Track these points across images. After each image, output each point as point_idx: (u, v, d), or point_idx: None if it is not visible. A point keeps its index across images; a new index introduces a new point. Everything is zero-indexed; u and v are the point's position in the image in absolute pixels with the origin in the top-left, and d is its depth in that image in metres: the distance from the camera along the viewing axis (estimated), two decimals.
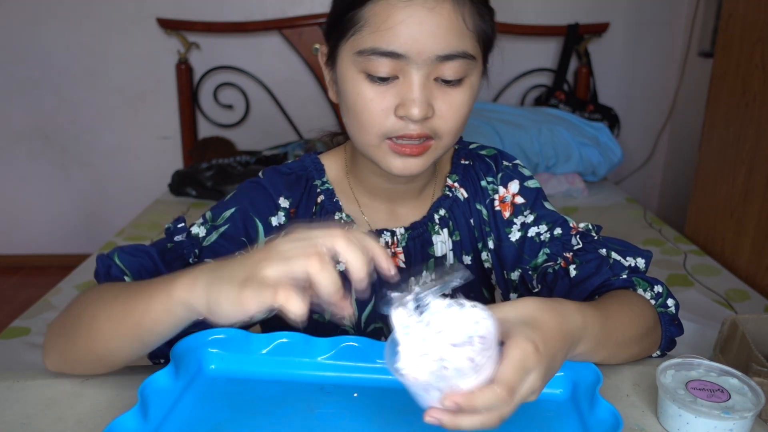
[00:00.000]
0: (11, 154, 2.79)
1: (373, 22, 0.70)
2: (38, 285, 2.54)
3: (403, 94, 0.71)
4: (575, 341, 0.62)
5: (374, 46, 0.70)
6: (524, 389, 0.53)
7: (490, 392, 0.51)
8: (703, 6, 2.59)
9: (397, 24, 0.68)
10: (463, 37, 0.71)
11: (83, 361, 0.70)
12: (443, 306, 0.54)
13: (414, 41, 0.69)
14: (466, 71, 0.73)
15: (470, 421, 0.51)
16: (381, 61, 0.70)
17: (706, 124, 2.12)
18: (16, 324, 1.53)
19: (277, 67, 2.73)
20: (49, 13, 2.62)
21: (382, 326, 0.85)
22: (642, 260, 0.82)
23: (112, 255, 0.75)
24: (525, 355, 0.53)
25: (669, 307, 0.79)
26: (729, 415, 0.62)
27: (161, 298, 0.60)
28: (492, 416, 0.52)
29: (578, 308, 0.64)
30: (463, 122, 0.76)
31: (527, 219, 0.86)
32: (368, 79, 0.72)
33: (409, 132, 0.72)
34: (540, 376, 0.54)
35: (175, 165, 2.78)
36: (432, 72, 0.71)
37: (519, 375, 0.52)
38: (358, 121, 0.74)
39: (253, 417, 0.65)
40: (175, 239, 0.79)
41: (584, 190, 2.47)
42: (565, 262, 0.83)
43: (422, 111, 0.70)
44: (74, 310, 0.70)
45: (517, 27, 2.66)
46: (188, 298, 0.58)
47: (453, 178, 0.88)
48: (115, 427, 0.57)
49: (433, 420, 0.52)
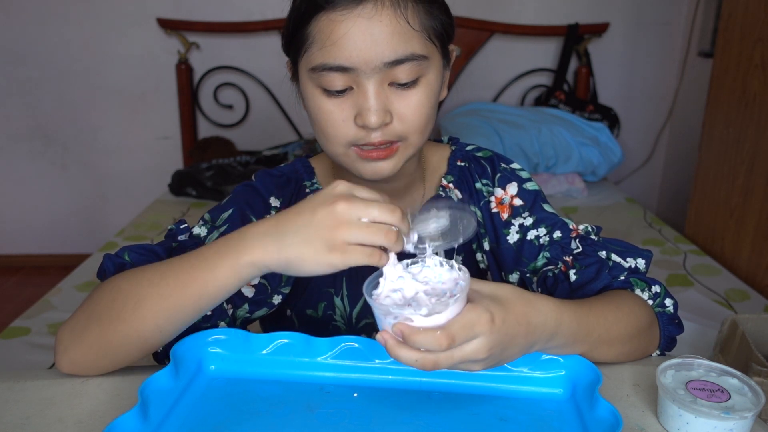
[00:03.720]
0: (11, 154, 2.79)
1: (319, 38, 0.71)
2: (38, 285, 2.54)
3: (359, 104, 0.72)
4: (547, 335, 0.65)
5: (323, 62, 0.71)
6: (467, 349, 0.59)
7: (431, 334, 0.57)
8: (703, 6, 2.59)
9: (341, 38, 0.69)
10: (408, 39, 0.71)
11: (120, 348, 0.69)
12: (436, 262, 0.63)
13: (359, 52, 0.69)
14: (419, 72, 0.73)
15: (407, 354, 0.58)
16: (332, 76, 0.71)
17: (706, 124, 2.12)
18: (16, 324, 1.54)
19: (277, 67, 2.71)
20: (49, 13, 2.62)
21: (373, 322, 0.86)
22: (642, 261, 0.82)
23: (121, 254, 0.76)
24: (478, 319, 0.58)
25: (667, 306, 0.79)
26: (729, 415, 0.62)
27: (227, 263, 0.64)
28: (427, 358, 0.58)
29: (555, 305, 0.67)
30: (426, 120, 0.76)
31: (526, 221, 0.86)
32: (325, 94, 0.73)
33: (371, 140, 0.74)
34: (487, 345, 0.59)
35: (175, 165, 2.78)
36: (384, 78, 0.72)
37: (464, 332, 0.58)
38: (323, 133, 0.76)
39: (253, 417, 0.65)
40: (178, 239, 0.80)
41: (584, 190, 2.47)
42: (565, 266, 0.83)
43: (379, 118, 0.72)
44: (101, 300, 0.70)
45: (517, 27, 2.66)
46: (261, 259, 0.63)
47: (448, 179, 0.88)
48: (115, 427, 0.57)
49: (380, 339, 0.60)
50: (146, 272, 0.69)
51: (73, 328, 0.70)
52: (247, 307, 0.80)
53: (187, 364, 0.70)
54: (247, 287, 0.80)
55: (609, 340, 0.73)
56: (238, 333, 0.73)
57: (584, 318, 0.69)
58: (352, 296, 0.86)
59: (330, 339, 0.73)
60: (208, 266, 0.65)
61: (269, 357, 0.73)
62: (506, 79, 2.78)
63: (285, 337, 0.73)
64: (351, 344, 0.73)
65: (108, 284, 0.71)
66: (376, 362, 0.72)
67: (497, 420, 0.65)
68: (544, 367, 0.71)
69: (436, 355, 0.58)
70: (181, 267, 0.67)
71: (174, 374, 0.67)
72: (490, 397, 0.69)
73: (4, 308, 2.54)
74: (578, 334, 0.69)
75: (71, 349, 0.70)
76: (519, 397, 0.69)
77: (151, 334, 0.68)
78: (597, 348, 0.72)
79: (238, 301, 0.80)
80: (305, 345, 0.73)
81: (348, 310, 0.86)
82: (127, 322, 0.67)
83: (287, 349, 0.73)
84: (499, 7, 2.68)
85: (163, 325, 0.68)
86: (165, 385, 0.66)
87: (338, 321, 0.87)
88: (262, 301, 0.81)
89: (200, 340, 0.73)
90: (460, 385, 0.71)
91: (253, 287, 0.80)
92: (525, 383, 0.70)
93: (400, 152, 0.76)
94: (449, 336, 0.57)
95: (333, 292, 0.85)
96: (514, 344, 0.62)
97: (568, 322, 0.67)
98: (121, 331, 0.68)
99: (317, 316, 0.86)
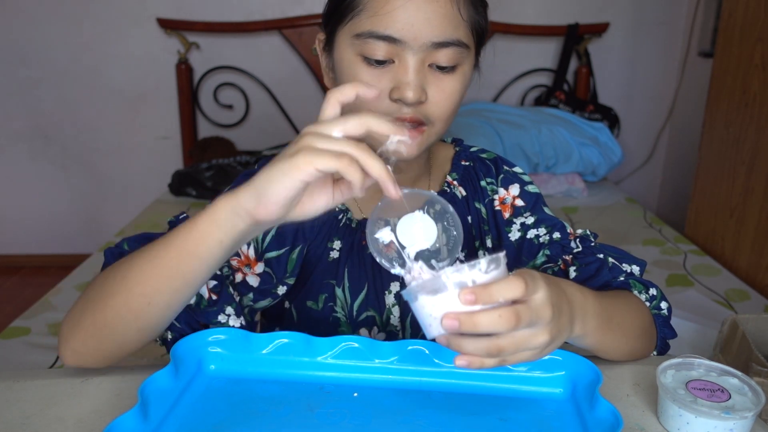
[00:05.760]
0: (11, 154, 2.79)
1: (371, 6, 0.72)
2: (38, 285, 2.54)
3: (398, 77, 0.73)
4: (582, 311, 0.65)
5: (372, 29, 0.72)
6: (537, 298, 0.56)
7: (506, 283, 0.54)
8: (703, 6, 2.59)
9: (395, 9, 0.71)
10: (458, 25, 0.73)
11: (116, 329, 0.67)
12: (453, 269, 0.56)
13: (410, 26, 0.71)
14: (459, 59, 0.75)
15: (474, 345, 0.55)
16: (378, 45, 0.72)
17: (706, 124, 2.12)
18: (16, 324, 1.53)
19: (277, 67, 2.73)
20: (49, 13, 2.62)
21: (374, 314, 0.86)
22: (637, 268, 0.83)
23: (121, 244, 0.76)
24: (532, 276, 0.56)
25: (662, 309, 0.81)
26: (729, 415, 0.62)
27: (205, 214, 0.61)
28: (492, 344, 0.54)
29: (577, 286, 0.67)
30: (454, 109, 0.77)
31: (527, 220, 0.87)
32: (365, 62, 0.74)
33: (402, 115, 0.74)
34: (549, 298, 0.56)
35: (175, 165, 2.78)
36: (426, 58, 0.73)
37: (530, 279, 0.55)
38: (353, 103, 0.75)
39: (253, 417, 0.65)
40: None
41: (584, 190, 2.47)
42: (564, 264, 0.84)
43: (416, 94, 0.72)
44: (95, 286, 0.70)
45: (517, 27, 2.66)
46: (233, 198, 0.59)
47: (453, 176, 0.89)
48: (115, 427, 0.57)
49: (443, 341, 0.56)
50: (136, 252, 0.68)
51: (72, 318, 0.70)
52: (251, 296, 0.81)
53: (187, 364, 0.70)
54: (252, 276, 0.80)
55: (626, 331, 0.73)
56: (238, 333, 0.73)
57: (602, 300, 0.70)
58: (353, 288, 0.86)
59: (330, 339, 0.73)
60: (188, 224, 0.63)
61: (269, 357, 0.73)
62: (506, 79, 2.78)
63: (285, 336, 0.73)
64: (351, 344, 0.73)
65: (102, 273, 0.71)
66: (376, 362, 0.72)
67: (497, 420, 0.65)
68: (544, 367, 0.71)
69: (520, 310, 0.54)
70: (167, 235, 0.66)
71: (174, 374, 0.67)
72: (490, 397, 0.69)
73: (4, 308, 2.53)
74: (602, 316, 0.69)
75: (71, 339, 0.69)
76: (519, 397, 0.69)
77: (139, 306, 0.66)
78: (619, 338, 0.73)
79: (244, 289, 0.80)
80: (305, 345, 0.73)
81: (349, 301, 0.86)
82: (116, 295, 0.66)
83: (287, 348, 0.73)
84: (499, 7, 2.68)
85: (150, 294, 0.65)
86: (165, 384, 0.66)
87: (339, 313, 0.87)
88: (267, 291, 0.81)
89: (200, 340, 0.73)
90: (460, 385, 0.71)
91: (258, 276, 0.80)
92: (525, 383, 0.70)
93: (424, 137, 0.77)
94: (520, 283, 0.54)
95: (335, 283, 0.85)
96: (563, 312, 0.60)
97: (592, 302, 0.67)
98: (112, 307, 0.66)
99: (317, 309, 0.86)
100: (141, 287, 0.65)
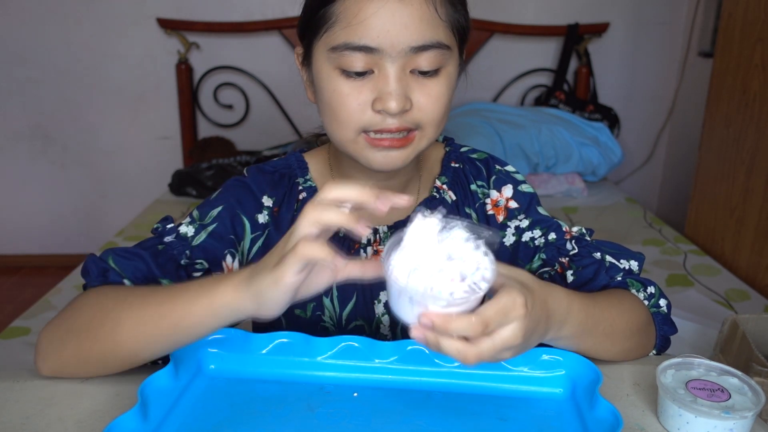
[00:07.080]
0: (11, 154, 2.79)
1: (344, 17, 0.70)
2: (38, 285, 2.54)
3: (379, 87, 0.71)
4: (559, 322, 0.64)
5: (347, 41, 0.70)
6: (503, 334, 0.55)
7: (465, 320, 0.54)
8: (703, 6, 2.59)
9: (369, 17, 0.68)
10: (436, 27, 0.71)
11: (98, 363, 0.70)
12: (463, 238, 0.57)
13: (386, 33, 0.69)
14: (441, 61, 0.73)
15: (449, 344, 0.54)
16: (354, 56, 0.70)
17: (706, 124, 2.12)
18: (16, 324, 1.53)
19: (277, 67, 2.73)
20: (49, 13, 2.62)
21: (363, 324, 0.85)
22: (635, 263, 0.82)
23: (105, 258, 0.74)
24: (513, 304, 0.55)
25: (661, 306, 0.80)
26: (729, 415, 0.62)
27: (202, 303, 0.63)
28: (470, 349, 0.54)
29: (566, 293, 0.66)
30: (444, 112, 0.75)
31: (522, 223, 0.86)
32: (343, 75, 0.72)
33: (387, 126, 0.72)
34: (521, 330, 0.56)
35: (175, 165, 2.78)
36: (407, 64, 0.71)
37: (499, 316, 0.55)
38: (335, 117, 0.74)
39: (253, 417, 0.65)
40: (165, 240, 0.78)
41: (584, 190, 2.47)
42: (561, 267, 0.83)
43: (399, 104, 0.70)
44: (81, 313, 0.70)
45: (517, 27, 2.66)
46: (233, 301, 0.61)
47: (442, 180, 0.87)
48: (115, 427, 0.57)
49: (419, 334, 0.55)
50: (129, 295, 0.69)
51: (52, 338, 0.70)
52: None
53: (187, 364, 0.70)
54: None
55: (613, 335, 0.73)
56: (238, 333, 0.73)
57: (591, 309, 0.69)
58: (342, 297, 0.85)
59: (330, 338, 0.73)
60: (187, 301, 0.64)
61: (269, 357, 0.73)
62: (506, 79, 2.78)
63: (285, 336, 0.73)
64: (351, 344, 0.72)
65: (90, 298, 0.71)
66: (376, 362, 0.72)
67: (497, 420, 0.65)
68: (544, 366, 0.71)
69: (479, 347, 0.55)
70: (164, 297, 0.66)
71: (174, 374, 0.67)
72: (490, 397, 0.69)
73: (4, 308, 2.53)
74: (586, 325, 0.68)
75: (50, 359, 0.71)
76: (519, 397, 0.69)
77: (127, 356, 0.68)
78: (602, 343, 0.72)
79: None
80: (305, 344, 0.73)
81: (338, 311, 0.85)
82: (104, 342, 0.68)
83: (287, 348, 0.73)
84: (499, 7, 2.68)
85: (138, 351, 0.67)
86: (165, 384, 0.66)
87: (327, 322, 0.86)
88: None
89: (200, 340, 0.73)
90: (460, 385, 0.71)
91: None
92: (525, 383, 0.70)
93: (414, 143, 0.75)
94: (483, 321, 0.54)
95: (322, 293, 0.85)
96: (537, 331, 0.60)
97: (577, 312, 0.67)
98: (98, 350, 0.68)
99: (305, 317, 0.85)
100: (131, 345, 0.67)
